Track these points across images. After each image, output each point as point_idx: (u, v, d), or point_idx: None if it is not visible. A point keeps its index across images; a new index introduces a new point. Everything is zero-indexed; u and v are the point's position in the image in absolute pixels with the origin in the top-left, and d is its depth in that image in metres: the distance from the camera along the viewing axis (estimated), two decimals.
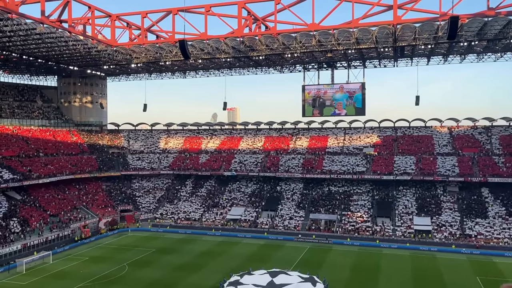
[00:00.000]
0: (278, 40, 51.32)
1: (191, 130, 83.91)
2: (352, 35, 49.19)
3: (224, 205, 63.34)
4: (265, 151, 72.04)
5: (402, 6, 47.36)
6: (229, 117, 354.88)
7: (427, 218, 53.22)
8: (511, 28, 45.45)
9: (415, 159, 62.39)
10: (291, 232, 54.92)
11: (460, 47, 52.69)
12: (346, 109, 63.39)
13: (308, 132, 75.56)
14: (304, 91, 64.57)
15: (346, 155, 66.65)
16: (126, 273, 38.91)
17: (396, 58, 60.56)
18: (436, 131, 68.84)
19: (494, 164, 58.16)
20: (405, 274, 38.15)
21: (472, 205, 54.59)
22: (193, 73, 71.36)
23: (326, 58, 60.18)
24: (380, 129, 72.36)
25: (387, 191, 60.53)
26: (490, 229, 49.74)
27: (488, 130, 65.84)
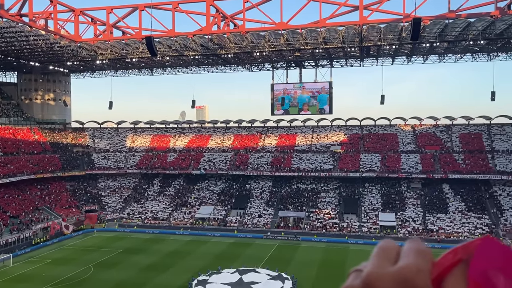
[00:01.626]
0: (247, 38, 51.35)
1: (159, 129, 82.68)
2: (319, 35, 49.86)
3: (193, 204, 62.87)
4: (234, 149, 71.96)
5: (368, 7, 48.41)
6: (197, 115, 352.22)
7: (391, 214, 54.72)
8: (470, 30, 47.32)
9: (380, 156, 63.98)
10: (260, 230, 55.16)
11: (422, 48, 54.41)
12: (313, 108, 64.26)
13: (277, 130, 76.05)
14: (273, 89, 64.93)
15: (314, 153, 67.54)
16: (92, 275, 37.97)
17: (362, 58, 61.87)
18: (400, 130, 70.80)
19: (454, 161, 60.45)
20: None
21: (434, 201, 56.55)
22: (161, 70, 70.33)
23: (295, 57, 60.74)
24: (346, 127, 73.73)
25: (354, 188, 61.81)
26: (450, 224, 51.72)
27: (449, 128, 68.34)
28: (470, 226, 51.02)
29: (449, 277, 0.80)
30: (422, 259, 0.83)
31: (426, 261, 0.83)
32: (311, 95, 63.90)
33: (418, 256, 0.84)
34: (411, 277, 0.79)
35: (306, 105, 64.18)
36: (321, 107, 63.52)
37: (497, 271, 0.74)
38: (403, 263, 0.83)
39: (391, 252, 0.89)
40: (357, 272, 0.87)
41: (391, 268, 0.83)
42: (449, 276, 0.79)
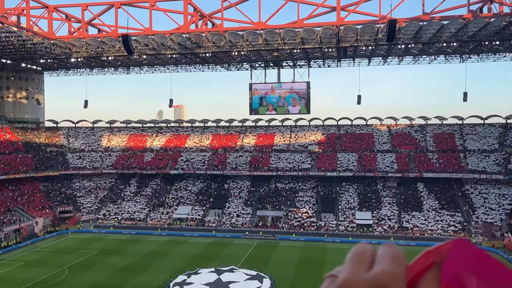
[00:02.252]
0: (225, 37, 51.21)
1: (136, 128, 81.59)
2: (297, 35, 50.16)
3: (171, 204, 62.30)
4: (212, 149, 71.67)
5: (345, 8, 48.99)
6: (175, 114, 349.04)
7: (368, 213, 55.56)
8: (444, 33, 48.48)
9: (357, 156, 64.86)
10: (239, 229, 55.12)
11: (398, 49, 55.43)
12: (291, 108, 64.62)
13: (255, 130, 76.12)
14: (251, 89, 64.98)
15: (292, 153, 67.93)
16: (66, 277, 37.17)
17: (340, 59, 62.57)
18: (376, 129, 71.92)
19: (429, 160, 61.85)
20: None
21: (409, 199, 57.71)
22: (138, 69, 69.38)
23: (273, 57, 60.93)
24: (324, 127, 74.43)
25: (331, 187, 62.46)
26: (425, 222, 52.90)
27: (423, 128, 69.84)
28: (443, 223, 52.29)
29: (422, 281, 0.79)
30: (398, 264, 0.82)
31: (401, 266, 0.82)
32: (289, 95, 64.23)
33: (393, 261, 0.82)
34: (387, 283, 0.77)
35: (284, 105, 64.45)
36: (299, 107, 63.90)
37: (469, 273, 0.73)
38: (378, 269, 0.81)
39: (366, 257, 0.87)
40: (332, 278, 0.85)
41: (367, 274, 0.81)
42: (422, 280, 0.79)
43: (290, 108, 64.68)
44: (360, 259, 0.87)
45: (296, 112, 65.65)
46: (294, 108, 64.56)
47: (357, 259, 0.87)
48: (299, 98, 63.98)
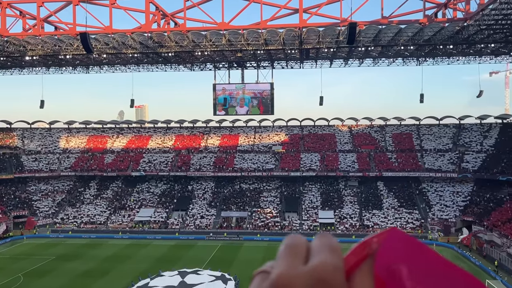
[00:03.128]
0: (188, 37, 50.71)
1: (95, 129, 79.28)
2: (261, 36, 50.40)
3: (132, 207, 60.96)
4: (175, 150, 70.75)
5: (307, 10, 49.66)
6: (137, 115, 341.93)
7: (330, 212, 56.62)
8: (401, 36, 50.15)
9: (319, 156, 65.94)
10: (203, 231, 54.71)
11: (358, 51, 56.79)
12: (255, 108, 64.82)
13: (219, 130, 75.83)
14: (215, 90, 64.66)
15: (257, 153, 68.18)
16: (21, 285, 35.55)
17: (302, 60, 63.39)
18: (338, 130, 73.43)
19: (388, 159, 63.80)
20: None
21: (369, 198, 59.29)
22: (97, 68, 67.38)
23: (236, 58, 60.92)
24: (287, 127, 75.19)
25: (295, 187, 63.17)
26: (384, 219, 54.51)
27: (383, 129, 71.96)
28: (402, 221, 54.07)
29: (357, 274, 0.74)
30: (336, 255, 0.75)
31: (339, 257, 0.75)
32: (253, 95, 64.41)
33: (331, 252, 0.75)
34: (327, 276, 0.70)
35: (248, 106, 64.57)
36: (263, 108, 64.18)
37: (401, 263, 0.70)
38: (316, 261, 0.73)
39: (300, 249, 0.78)
40: (263, 275, 0.76)
41: (304, 267, 0.73)
42: (357, 272, 0.74)
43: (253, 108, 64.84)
44: (294, 251, 0.78)
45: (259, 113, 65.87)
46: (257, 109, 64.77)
47: (291, 252, 0.77)
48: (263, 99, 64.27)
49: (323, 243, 0.78)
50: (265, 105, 63.90)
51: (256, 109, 64.91)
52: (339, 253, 0.76)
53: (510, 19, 43.09)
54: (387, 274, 0.70)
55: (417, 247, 0.74)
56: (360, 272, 0.73)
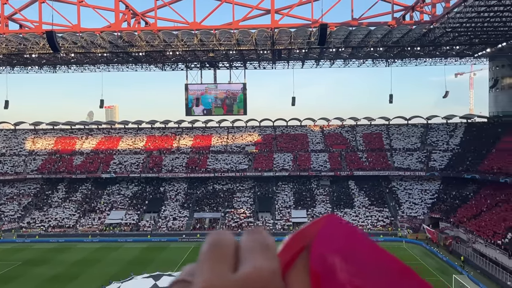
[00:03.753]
0: (159, 37, 50.10)
1: (64, 130, 77.11)
2: (233, 36, 50.35)
3: (103, 209, 59.65)
4: (147, 151, 69.71)
5: (279, 11, 49.98)
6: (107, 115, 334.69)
7: (303, 211, 57.12)
8: (371, 38, 51.18)
9: (292, 156, 66.42)
10: (175, 233, 54.13)
11: (329, 52, 57.57)
12: (228, 109, 64.70)
13: (192, 131, 75.22)
14: (187, 90, 64.13)
15: (230, 154, 68.01)
16: None
17: (274, 61, 63.74)
18: (310, 130, 74.17)
19: (359, 159, 64.93)
20: None
21: (341, 197, 60.18)
22: (65, 67, 65.62)
23: (208, 58, 60.63)
24: (260, 128, 75.36)
25: (268, 187, 63.39)
26: (356, 218, 55.43)
27: (354, 129, 73.17)
28: (372, 219, 55.15)
29: (292, 271, 0.64)
30: (271, 255, 0.63)
31: (274, 258, 0.63)
32: (225, 96, 64.24)
33: (265, 253, 0.63)
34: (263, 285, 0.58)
35: (220, 106, 64.35)
36: (236, 108, 64.15)
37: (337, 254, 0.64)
38: (249, 267, 0.60)
39: (227, 249, 0.64)
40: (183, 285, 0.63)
41: (233, 276, 0.60)
42: (292, 269, 0.64)
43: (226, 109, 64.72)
44: (219, 253, 0.64)
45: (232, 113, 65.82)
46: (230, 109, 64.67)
47: (216, 254, 0.63)
48: (235, 99, 64.21)
49: (254, 241, 0.65)
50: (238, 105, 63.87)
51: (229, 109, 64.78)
52: (274, 252, 0.65)
53: (474, 22, 44.69)
54: (322, 266, 0.63)
55: (354, 235, 0.69)
56: (295, 269, 0.64)
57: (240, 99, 63.88)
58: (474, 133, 65.42)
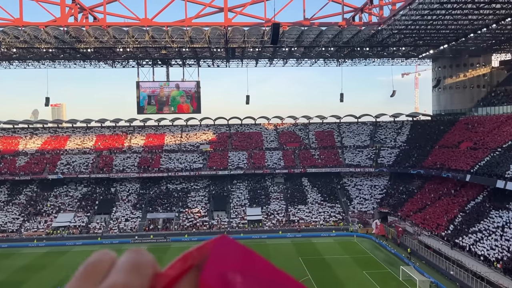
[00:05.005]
0: (109, 33, 48.49)
1: (5, 129, 72.79)
2: (186, 34, 49.70)
3: (49, 212, 56.96)
4: (96, 150, 67.32)
5: (232, 9, 49.91)
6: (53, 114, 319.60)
7: (258, 209, 57.50)
8: (322, 38, 52.34)
9: (247, 154, 66.65)
10: (128, 234, 52.72)
11: (282, 52, 58.28)
12: (182, 107, 63.82)
13: (144, 130, 73.49)
14: (139, 87, 62.59)
15: (184, 153, 67.14)
16: None
17: (228, 59, 63.62)
18: (264, 128, 74.76)
19: (311, 156, 66.29)
20: None
21: (295, 194, 61.16)
22: (6, 63, 62.00)
23: (161, 55, 59.46)
24: (215, 126, 75.00)
25: (223, 185, 63.24)
26: (309, 214, 56.59)
27: (306, 127, 74.56)
28: (325, 215, 56.52)
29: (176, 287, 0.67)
30: (136, 274, 0.66)
31: (141, 275, 0.66)
32: (178, 94, 63.31)
33: (130, 271, 0.66)
34: None
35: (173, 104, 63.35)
36: (189, 106, 63.42)
37: (234, 272, 0.67)
38: (108, 283, 0.64)
39: (101, 268, 0.69)
40: None
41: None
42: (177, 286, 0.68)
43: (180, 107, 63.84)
44: (92, 271, 0.69)
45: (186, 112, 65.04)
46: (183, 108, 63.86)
47: (89, 272, 0.68)
48: (189, 98, 63.49)
49: (126, 261, 0.69)
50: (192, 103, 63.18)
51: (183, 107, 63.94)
52: (143, 270, 0.68)
53: (418, 24, 46.89)
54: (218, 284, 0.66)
55: (249, 255, 0.71)
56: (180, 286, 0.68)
57: (193, 97, 63.20)
58: (419, 130, 68.72)
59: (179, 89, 63.29)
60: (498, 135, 51.05)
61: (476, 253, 37.05)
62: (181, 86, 63.35)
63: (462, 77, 65.28)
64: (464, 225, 42.08)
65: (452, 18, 44.59)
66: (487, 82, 64.86)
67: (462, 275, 35.00)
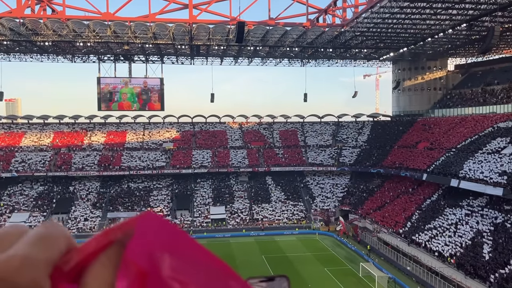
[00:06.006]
0: (68, 26, 46.84)
1: None
2: (149, 29, 48.79)
3: (2, 212, 54.38)
4: (54, 148, 64.87)
5: (197, 6, 49.45)
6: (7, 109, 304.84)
7: (221, 207, 57.35)
8: (287, 38, 52.82)
9: (211, 152, 66.29)
10: (86, 234, 51.18)
11: (247, 50, 58.38)
12: (144, 104, 62.62)
13: (105, 127, 71.50)
14: (100, 83, 60.87)
15: (146, 151, 65.91)
16: None
17: (193, 56, 62.99)
18: (229, 127, 74.61)
19: (275, 155, 66.82)
20: None
21: (258, 192, 61.46)
22: None
23: (123, 51, 58.07)
24: (179, 124, 74.07)
25: (186, 184, 62.60)
26: (272, 212, 57.03)
27: (271, 126, 75.06)
28: (288, 213, 57.14)
29: (94, 264, 0.63)
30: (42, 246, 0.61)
31: (47, 249, 0.62)
32: (141, 90, 62.08)
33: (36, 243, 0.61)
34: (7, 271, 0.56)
35: (136, 101, 62.06)
36: (152, 103, 62.33)
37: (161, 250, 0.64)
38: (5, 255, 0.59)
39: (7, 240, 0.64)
40: None
41: None
42: (96, 261, 0.63)
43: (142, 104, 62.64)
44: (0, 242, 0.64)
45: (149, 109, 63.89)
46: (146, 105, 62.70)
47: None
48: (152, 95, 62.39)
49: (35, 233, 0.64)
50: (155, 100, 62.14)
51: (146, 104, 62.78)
52: (51, 245, 0.63)
53: (379, 27, 48.22)
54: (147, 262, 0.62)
55: (174, 232, 0.69)
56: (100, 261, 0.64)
57: (157, 94, 62.15)
58: (379, 130, 70.75)
59: (142, 85, 62.06)
60: (452, 136, 53.36)
61: (431, 249, 38.60)
62: (144, 83, 62.12)
63: (420, 79, 67.73)
64: (421, 222, 43.74)
65: (411, 23, 46.17)
66: (443, 85, 67.65)
67: (418, 271, 36.38)
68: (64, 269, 0.62)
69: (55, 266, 0.61)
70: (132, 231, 0.66)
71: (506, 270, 30.85)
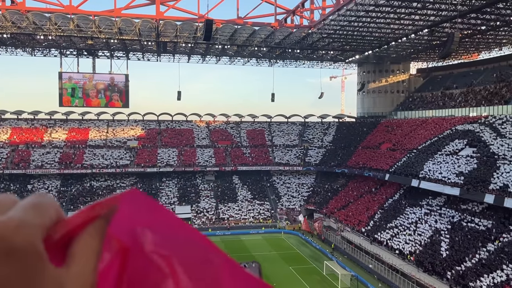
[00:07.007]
0: (28, 18, 45.01)
1: None
2: (114, 25, 47.63)
3: None
4: (12, 144, 62.15)
5: (164, 3, 48.70)
6: None
7: (187, 207, 56.78)
8: (255, 37, 52.91)
9: (177, 151, 65.48)
10: None
11: (215, 49, 58.05)
12: (108, 101, 61.08)
13: (66, 124, 69.13)
14: (62, 78, 58.87)
15: (110, 148, 64.29)
16: None
17: (160, 53, 62.02)
18: (196, 125, 73.91)
19: (242, 154, 66.83)
20: None
21: (225, 192, 61.28)
22: None
23: (87, 45, 56.36)
24: (144, 122, 72.69)
25: (151, 183, 61.56)
26: (239, 212, 57.02)
27: (238, 125, 74.99)
28: (254, 212, 57.29)
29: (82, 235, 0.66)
30: (36, 213, 0.65)
31: (41, 215, 0.65)
32: (105, 86, 60.51)
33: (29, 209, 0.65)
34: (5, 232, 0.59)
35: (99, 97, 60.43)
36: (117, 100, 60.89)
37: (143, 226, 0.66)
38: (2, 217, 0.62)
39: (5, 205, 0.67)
40: None
41: None
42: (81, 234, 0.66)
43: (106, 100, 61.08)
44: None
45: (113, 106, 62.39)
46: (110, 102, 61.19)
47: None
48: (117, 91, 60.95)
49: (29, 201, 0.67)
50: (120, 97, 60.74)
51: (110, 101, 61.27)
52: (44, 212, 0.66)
53: (346, 30, 49.13)
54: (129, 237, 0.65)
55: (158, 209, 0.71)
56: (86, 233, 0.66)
57: (121, 90, 60.76)
58: (344, 131, 72.12)
59: (106, 81, 60.49)
60: (414, 138, 55.11)
61: (392, 247, 39.74)
62: (109, 79, 60.59)
63: (384, 82, 69.57)
64: (383, 221, 44.94)
65: (376, 26, 47.34)
66: (405, 88, 69.78)
67: (379, 268, 37.36)
68: (54, 237, 0.65)
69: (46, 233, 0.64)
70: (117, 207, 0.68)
71: (462, 267, 32.19)
